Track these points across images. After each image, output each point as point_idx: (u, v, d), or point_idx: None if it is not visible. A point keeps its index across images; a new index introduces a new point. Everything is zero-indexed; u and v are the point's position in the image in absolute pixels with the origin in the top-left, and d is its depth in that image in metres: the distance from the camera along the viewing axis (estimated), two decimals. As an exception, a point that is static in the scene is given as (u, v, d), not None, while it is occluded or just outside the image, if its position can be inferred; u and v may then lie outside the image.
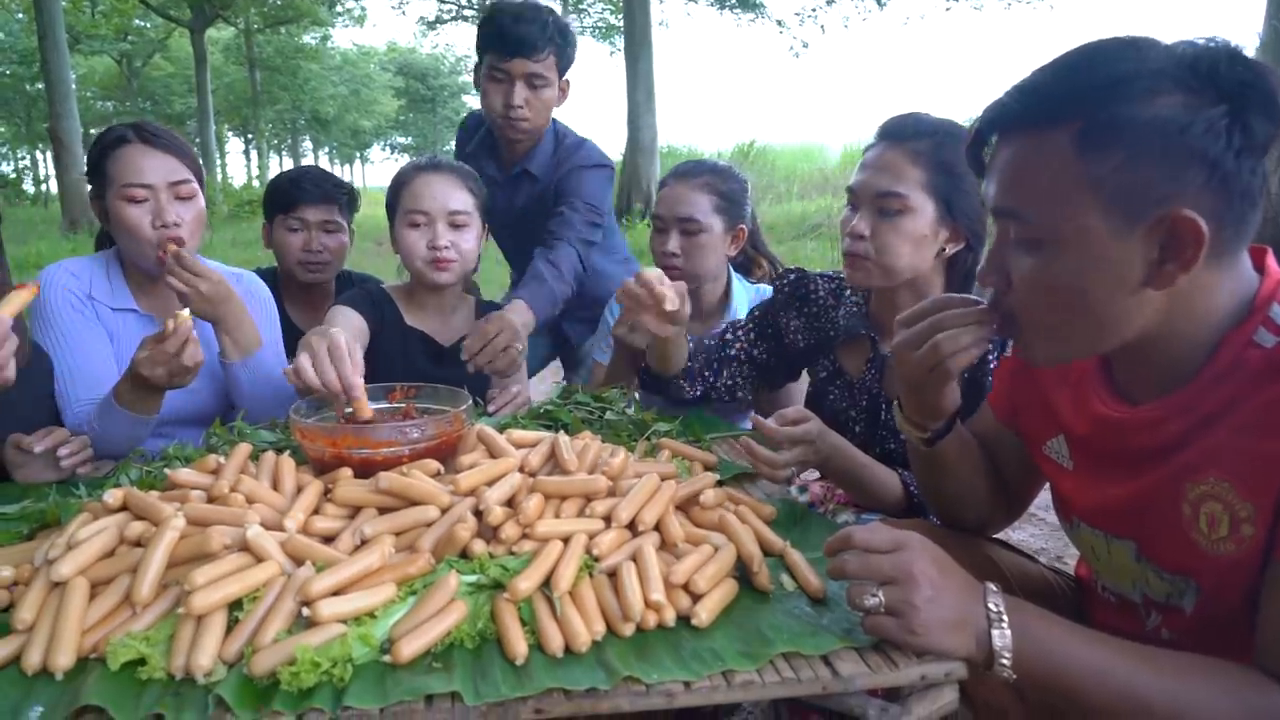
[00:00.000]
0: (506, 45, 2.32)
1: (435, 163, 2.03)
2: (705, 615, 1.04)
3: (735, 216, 2.20)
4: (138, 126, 1.88)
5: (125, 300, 1.93)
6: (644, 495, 1.20)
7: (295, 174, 2.58)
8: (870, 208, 1.62)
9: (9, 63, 31.23)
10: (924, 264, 1.62)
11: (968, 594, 0.99)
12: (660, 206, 2.21)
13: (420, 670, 0.95)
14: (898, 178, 1.58)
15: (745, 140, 17.72)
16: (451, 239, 1.93)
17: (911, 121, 1.63)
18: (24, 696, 0.91)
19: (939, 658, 0.98)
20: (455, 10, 29.58)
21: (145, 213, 1.82)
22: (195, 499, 1.18)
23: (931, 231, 1.59)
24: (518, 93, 2.36)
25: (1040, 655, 0.96)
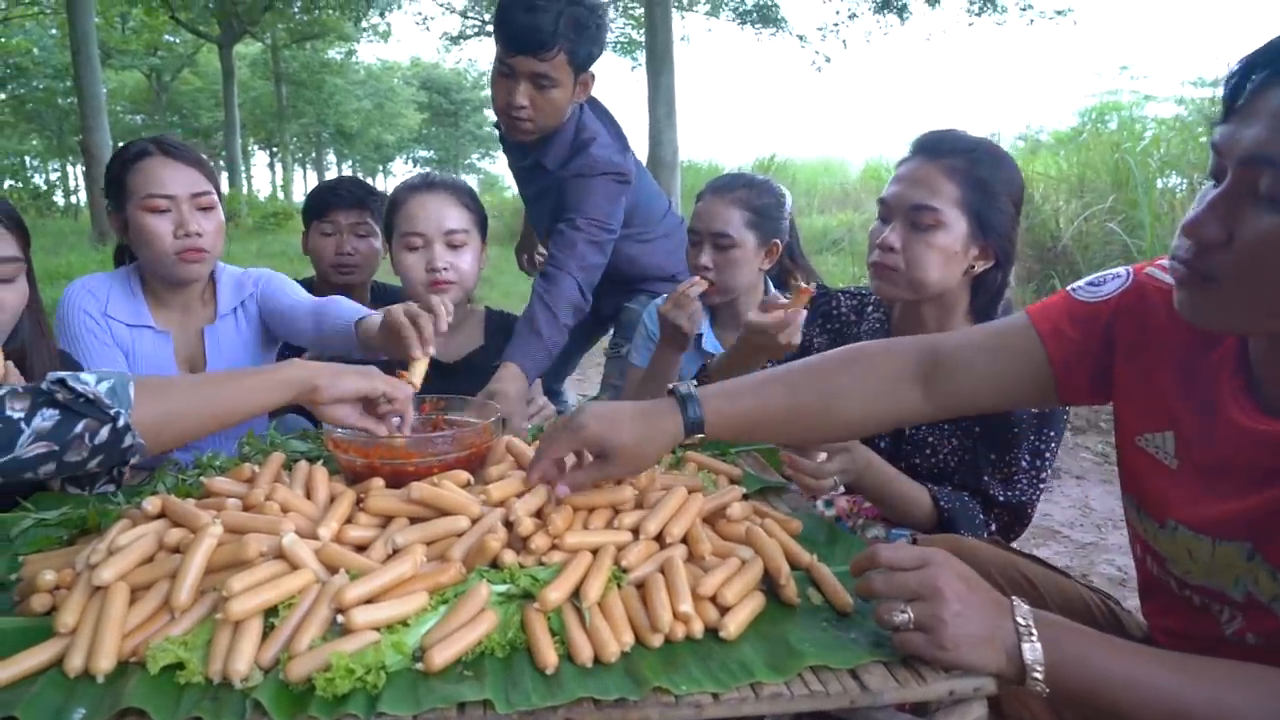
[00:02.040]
0: (512, 39, 2.12)
1: (429, 181, 2.02)
2: (733, 628, 1.05)
3: (769, 231, 2.21)
4: (158, 140, 1.93)
5: (143, 317, 1.97)
6: (672, 508, 1.21)
7: (331, 182, 2.75)
8: (903, 220, 1.62)
9: (43, 77, 31.84)
10: (952, 280, 1.63)
11: (996, 608, 0.99)
12: (696, 220, 2.23)
13: (452, 678, 0.97)
14: (932, 192, 1.58)
15: (765, 154, 17.72)
16: (450, 260, 1.94)
17: (948, 137, 1.64)
18: (67, 699, 0.93)
19: (970, 673, 0.98)
20: (478, 25, 29.86)
21: (167, 223, 1.86)
22: (231, 507, 1.20)
23: (962, 248, 1.60)
24: (521, 91, 2.16)
25: (1074, 667, 0.96)
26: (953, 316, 1.69)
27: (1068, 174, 7.22)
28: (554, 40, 2.09)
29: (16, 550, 1.28)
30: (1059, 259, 6.35)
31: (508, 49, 2.14)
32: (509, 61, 2.16)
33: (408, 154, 55.96)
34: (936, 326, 1.70)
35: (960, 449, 1.73)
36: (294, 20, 25.99)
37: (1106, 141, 7.38)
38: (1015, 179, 1.64)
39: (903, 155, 1.70)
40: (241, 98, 27.96)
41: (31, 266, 1.60)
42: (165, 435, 1.19)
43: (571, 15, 2.10)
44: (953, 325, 1.69)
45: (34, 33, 28.91)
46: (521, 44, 2.10)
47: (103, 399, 1.11)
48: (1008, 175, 1.62)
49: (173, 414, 1.19)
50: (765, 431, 1.27)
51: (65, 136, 36.14)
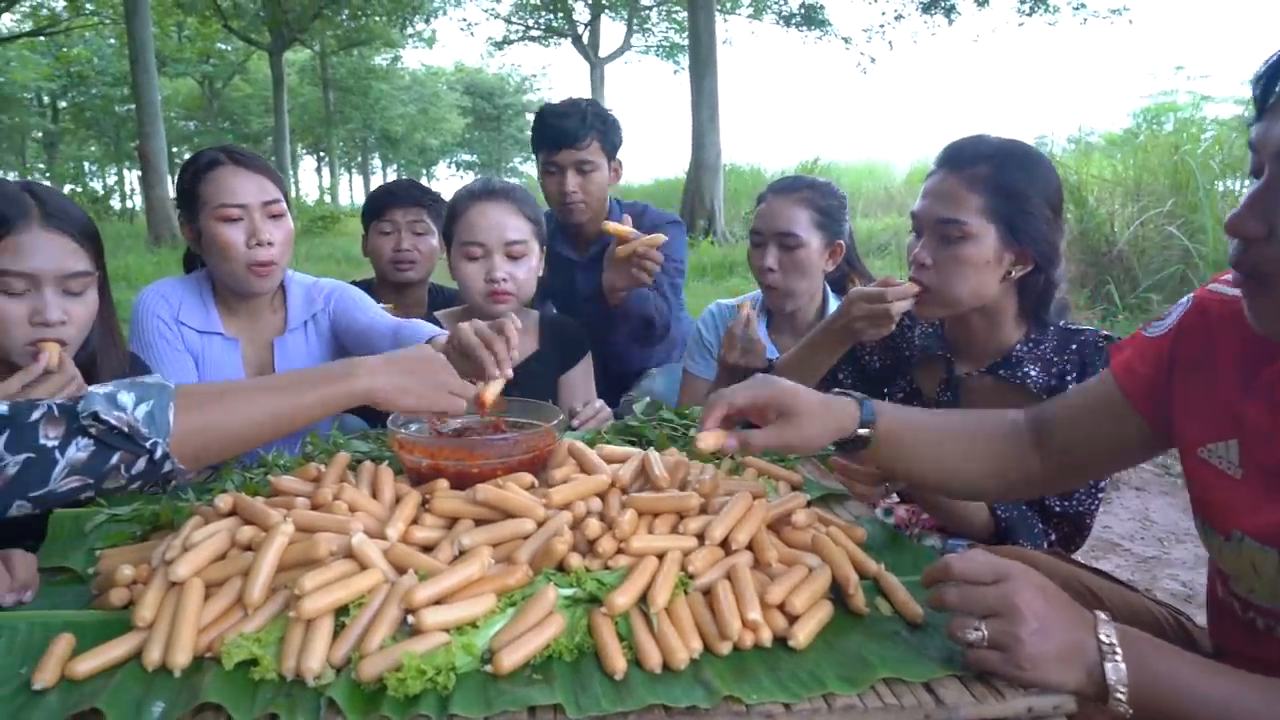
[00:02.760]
0: (553, 139, 2.56)
1: (490, 189, 2.01)
2: (803, 637, 1.03)
3: (834, 232, 2.20)
4: (228, 150, 1.95)
5: (213, 323, 2.00)
6: (737, 513, 1.20)
7: (389, 184, 2.83)
8: (931, 235, 1.61)
9: (101, 85, 32.80)
10: (988, 290, 1.60)
11: (1077, 625, 0.96)
12: (759, 221, 2.22)
13: (521, 681, 0.96)
14: (956, 205, 1.56)
15: (809, 158, 17.61)
16: (509, 270, 1.93)
17: (970, 146, 1.61)
18: (146, 692, 0.94)
19: (1048, 691, 0.95)
20: (522, 30, 30.14)
21: (239, 231, 1.88)
22: (300, 506, 1.22)
23: (994, 257, 1.57)
24: (570, 180, 2.57)
25: (1159, 688, 0.93)
26: (1001, 323, 1.67)
27: (1123, 177, 7.05)
28: (586, 131, 2.54)
29: (92, 545, 1.31)
30: (1114, 264, 6.21)
31: (551, 149, 2.58)
32: (554, 160, 2.58)
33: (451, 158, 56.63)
34: (985, 333, 1.68)
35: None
36: (342, 27, 26.45)
37: (1164, 143, 7.19)
38: (1050, 180, 1.60)
39: (930, 168, 1.68)
40: (290, 104, 28.51)
41: (105, 274, 1.63)
42: (210, 453, 1.13)
43: (594, 111, 2.59)
44: (1002, 331, 1.67)
45: (93, 42, 29.80)
46: (561, 140, 2.54)
47: (139, 428, 1.04)
48: (1040, 177, 1.58)
49: (219, 431, 1.12)
50: (917, 452, 1.28)
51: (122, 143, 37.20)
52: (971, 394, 1.70)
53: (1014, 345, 1.65)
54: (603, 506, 1.24)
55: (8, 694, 0.94)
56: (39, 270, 1.47)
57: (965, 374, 1.70)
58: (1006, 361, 1.64)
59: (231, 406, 1.14)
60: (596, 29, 28.67)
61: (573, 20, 28.23)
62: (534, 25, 29.59)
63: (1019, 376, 1.62)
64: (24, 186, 1.53)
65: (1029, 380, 1.61)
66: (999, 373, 1.65)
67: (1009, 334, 1.66)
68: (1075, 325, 1.66)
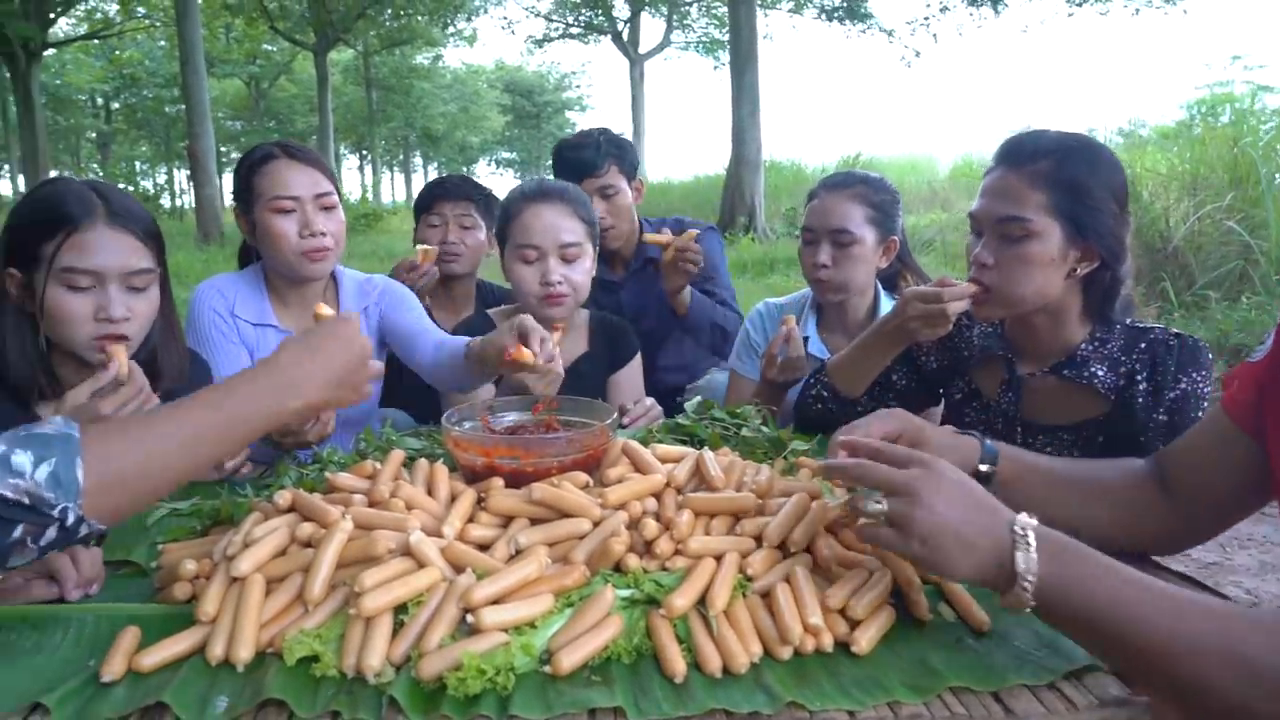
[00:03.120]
0: (572, 170, 2.65)
1: (545, 190, 1.99)
2: (865, 642, 1.01)
3: (888, 228, 2.16)
4: (282, 144, 1.99)
5: (266, 316, 2.03)
6: (794, 515, 1.18)
7: (440, 179, 2.85)
8: (992, 234, 1.56)
9: (152, 86, 33.57)
10: (1053, 289, 1.55)
11: (986, 512, 0.96)
12: (811, 218, 2.18)
13: (579, 683, 0.96)
14: (1018, 202, 1.51)
15: (850, 153, 17.42)
16: (564, 273, 1.92)
17: (1030, 141, 1.56)
18: (210, 686, 0.95)
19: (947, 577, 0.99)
20: (562, 28, 30.22)
21: (292, 223, 1.92)
22: (357, 503, 1.22)
23: (1060, 254, 1.52)
24: (597, 207, 2.58)
25: (1069, 585, 0.91)
26: (1065, 322, 1.62)
27: (1179, 170, 6.85)
28: (603, 158, 2.66)
29: (153, 538, 1.33)
30: (1170, 260, 6.04)
31: (573, 179, 2.58)
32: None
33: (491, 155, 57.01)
34: (1049, 332, 1.63)
35: (1082, 458, 1.65)
36: (385, 26, 26.76)
37: (1222, 136, 6.97)
38: (1115, 173, 1.55)
39: (988, 164, 1.63)
40: (334, 103, 28.92)
41: (166, 272, 1.66)
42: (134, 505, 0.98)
43: (608, 138, 2.71)
44: (1066, 330, 1.62)
45: (145, 45, 30.51)
46: (581, 170, 2.64)
47: (42, 494, 0.88)
48: (1105, 171, 1.53)
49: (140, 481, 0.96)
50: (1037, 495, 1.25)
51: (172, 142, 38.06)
52: (1034, 395, 1.65)
53: (1078, 344, 1.60)
54: (658, 507, 1.23)
55: (77, 685, 0.95)
56: (104, 267, 1.49)
57: (1028, 374, 1.66)
58: (1071, 361, 1.60)
59: (152, 446, 0.98)
60: (636, 25, 28.66)
61: (612, 17, 28.24)
62: (574, 23, 29.66)
63: (1085, 376, 1.57)
64: (90, 185, 1.56)
65: (1096, 380, 1.56)
66: (1063, 373, 1.60)
67: (1073, 333, 1.61)
68: (1142, 324, 1.60)
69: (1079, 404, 1.61)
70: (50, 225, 1.48)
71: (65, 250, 1.47)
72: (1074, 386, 1.60)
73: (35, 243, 1.49)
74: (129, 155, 45.43)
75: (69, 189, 1.54)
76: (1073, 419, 1.62)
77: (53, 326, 1.51)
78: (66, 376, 1.60)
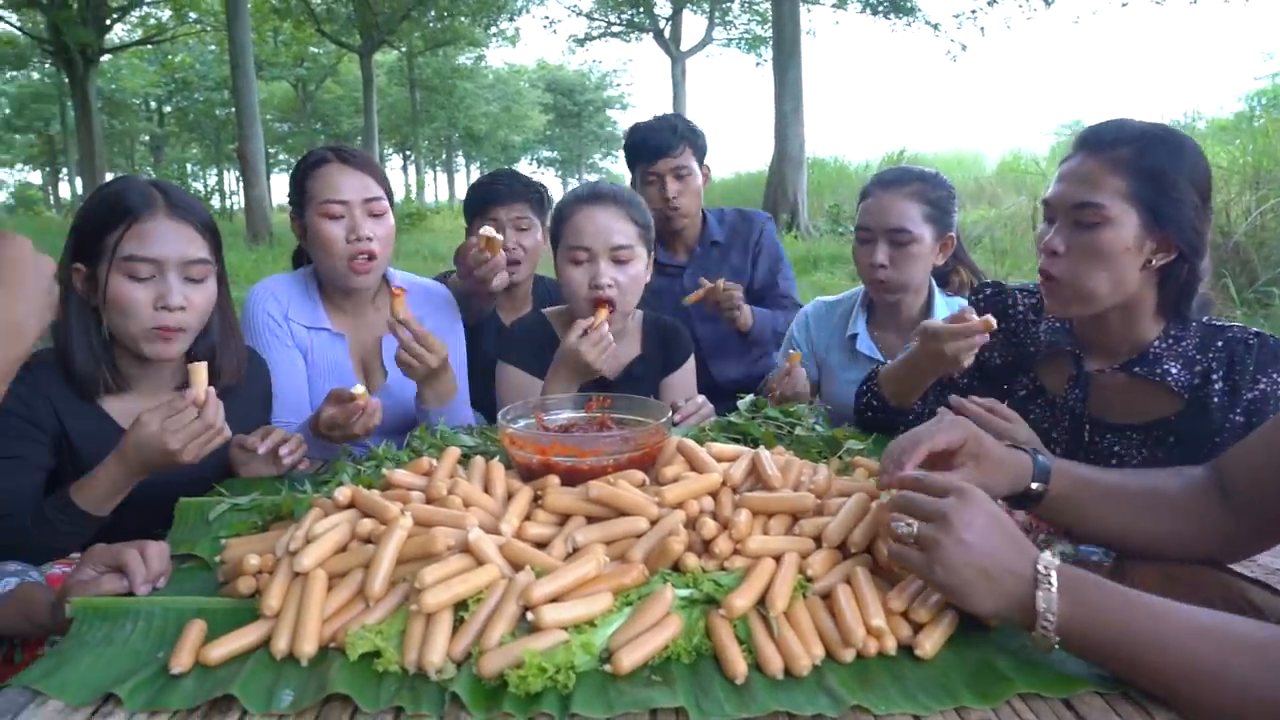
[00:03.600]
0: (649, 152, 2.78)
1: (597, 193, 1.98)
2: (930, 646, 0.99)
3: (944, 225, 2.13)
4: (336, 148, 2.01)
5: (320, 319, 2.05)
6: (854, 515, 1.16)
7: (488, 177, 2.70)
8: (1066, 221, 1.51)
9: (203, 90, 34.34)
10: (1128, 281, 1.50)
11: (1011, 550, 0.97)
12: (867, 216, 2.15)
13: (639, 683, 0.95)
14: (1095, 188, 1.47)
15: (894, 149, 17.20)
16: (614, 275, 1.91)
17: (1113, 128, 1.52)
18: (275, 680, 0.96)
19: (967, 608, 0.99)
20: (604, 26, 30.26)
21: (340, 228, 1.93)
22: (414, 499, 1.23)
23: (1135, 244, 1.48)
24: (671, 186, 2.77)
25: (1091, 621, 0.92)
26: (1138, 317, 1.57)
27: (1240, 164, 6.64)
28: (678, 139, 2.77)
29: (216, 533, 1.35)
30: (1231, 256, 5.86)
31: (648, 160, 2.78)
32: (653, 170, 2.79)
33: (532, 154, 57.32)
34: (1120, 327, 1.58)
35: (1151, 460, 1.60)
36: (428, 28, 27.03)
37: (1285, 127, 6.75)
38: (1198, 164, 1.50)
39: (1066, 152, 1.59)
40: (379, 104, 29.31)
41: (223, 268, 1.69)
42: None
43: (683, 122, 2.83)
44: (1139, 326, 1.57)
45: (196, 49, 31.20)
46: (657, 150, 2.76)
47: None
48: (1189, 162, 1.48)
49: None
50: (1092, 509, 1.24)
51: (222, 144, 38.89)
52: (1103, 392, 1.61)
53: (1151, 341, 1.55)
54: (715, 506, 1.22)
55: (147, 677, 0.97)
56: (163, 256, 1.54)
57: (1096, 371, 1.61)
58: (1143, 358, 1.55)
59: None
60: (678, 23, 28.57)
61: (654, 15, 28.20)
62: (616, 21, 29.67)
63: (1158, 374, 1.53)
64: (151, 182, 1.62)
65: (1169, 378, 1.51)
66: (1134, 370, 1.55)
67: (1146, 329, 1.56)
68: (1219, 321, 1.55)
69: (1150, 403, 1.56)
70: (113, 217, 1.54)
71: (127, 240, 1.53)
72: (1145, 384, 1.55)
73: (99, 235, 1.54)
74: (180, 158, 46.52)
75: (131, 184, 1.59)
76: (1143, 418, 1.57)
77: (114, 317, 1.55)
78: (128, 371, 1.64)
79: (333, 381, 1.99)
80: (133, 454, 1.43)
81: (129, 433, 1.44)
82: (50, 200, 42.70)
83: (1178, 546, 1.24)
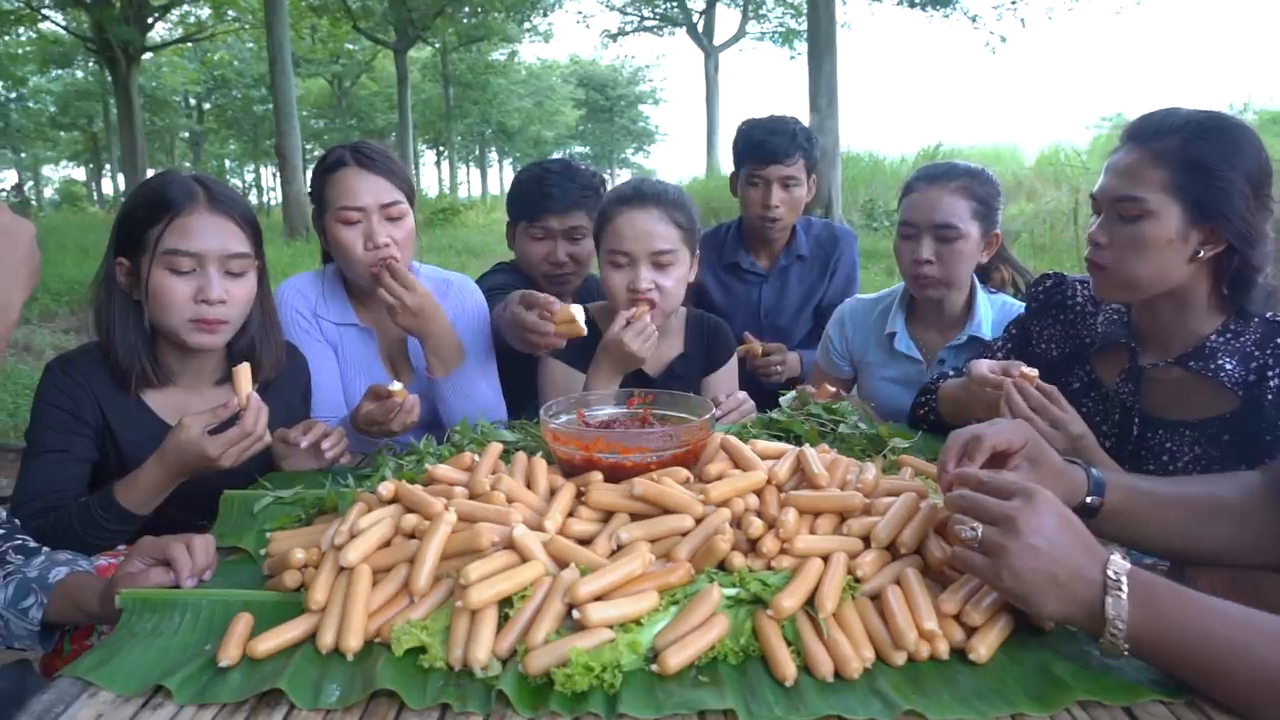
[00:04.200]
0: (762, 154, 2.63)
1: (641, 194, 1.93)
2: (984, 650, 0.97)
3: (991, 222, 2.08)
4: (355, 149, 1.95)
5: (347, 315, 2.04)
6: (904, 515, 1.14)
7: (538, 174, 2.40)
8: (1109, 214, 1.50)
9: (241, 87, 34.84)
10: (1174, 272, 1.47)
11: (1081, 553, 0.94)
12: (912, 212, 2.11)
13: (687, 683, 0.94)
14: (1136, 180, 1.46)
15: (930, 143, 16.96)
16: (654, 279, 1.88)
17: (1158, 119, 1.49)
18: (322, 674, 0.96)
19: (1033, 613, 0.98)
20: (637, 21, 30.21)
21: (357, 234, 1.90)
22: (458, 494, 1.22)
23: (1179, 236, 1.45)
24: (774, 194, 2.64)
25: (1165, 627, 0.90)
26: (1192, 310, 1.53)
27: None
28: (795, 148, 2.62)
29: (261, 526, 1.36)
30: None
31: (757, 163, 2.65)
32: (759, 174, 2.65)
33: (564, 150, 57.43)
34: (1175, 320, 1.55)
35: (1204, 458, 1.56)
36: (463, 24, 27.16)
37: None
38: (1251, 153, 1.45)
39: (1114, 145, 1.56)
40: (413, 100, 29.48)
41: (264, 263, 1.70)
42: None
43: (801, 130, 2.68)
44: (1194, 319, 1.53)
45: (235, 47, 31.65)
46: (772, 155, 2.62)
47: None
48: (1239, 150, 1.44)
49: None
50: (1150, 523, 1.21)
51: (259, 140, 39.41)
52: (1155, 386, 1.57)
53: (1208, 335, 1.51)
54: (759, 504, 1.20)
55: (195, 670, 0.97)
56: (204, 250, 1.56)
57: (1150, 365, 1.57)
58: (1198, 352, 1.51)
59: None
60: (711, 17, 28.44)
61: (687, 8, 28.09)
62: (649, 15, 29.60)
63: (1211, 370, 1.48)
64: (193, 176, 1.63)
65: (1223, 374, 1.47)
66: (1189, 365, 1.51)
67: (1201, 323, 1.52)
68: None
69: (1204, 399, 1.52)
70: (155, 211, 1.56)
71: (169, 233, 1.55)
72: (1200, 380, 1.51)
73: (142, 228, 1.56)
74: (219, 154, 47.20)
75: (174, 178, 1.61)
76: (1196, 415, 1.53)
77: (155, 309, 1.57)
78: (169, 364, 1.65)
79: (364, 376, 2.00)
80: (173, 458, 1.44)
81: (170, 436, 1.45)
82: (93, 196, 43.56)
83: (1237, 555, 1.20)
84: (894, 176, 15.69)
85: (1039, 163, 16.20)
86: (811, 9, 14.53)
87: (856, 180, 15.87)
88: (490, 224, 20.80)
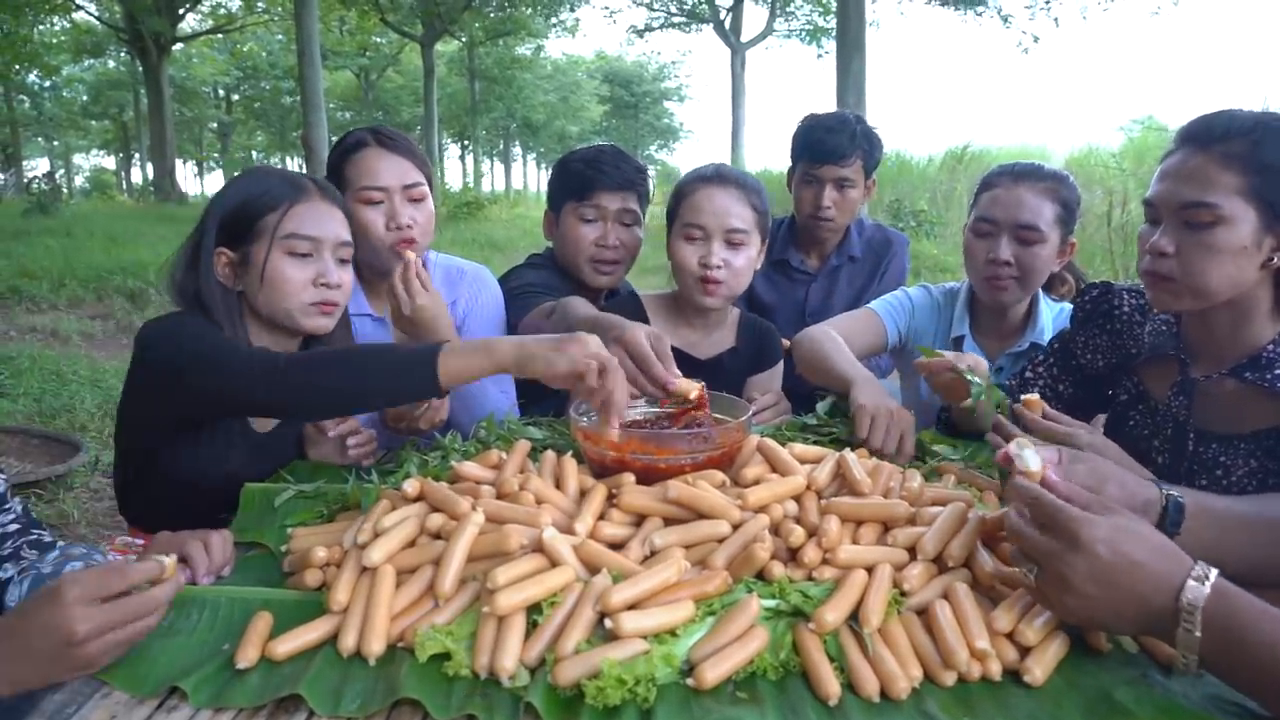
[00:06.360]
0: (818, 153, 2.54)
1: (721, 174, 1.94)
2: (1040, 672, 0.91)
3: (1069, 230, 2.00)
4: (375, 131, 1.94)
5: (361, 305, 2.01)
6: (950, 526, 1.08)
7: (590, 154, 2.25)
8: (1174, 222, 1.41)
9: (270, 79, 35.13)
10: (1245, 279, 1.40)
11: (1146, 581, 0.89)
12: (994, 208, 2.02)
13: (724, 699, 0.89)
14: (1207, 186, 1.37)
15: (958, 143, 16.76)
16: (725, 256, 1.86)
17: (1222, 121, 1.41)
18: (342, 679, 0.93)
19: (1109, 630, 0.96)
20: (664, 17, 30.12)
21: (379, 214, 1.88)
22: (485, 494, 1.18)
23: (1253, 242, 1.37)
24: (827, 195, 2.56)
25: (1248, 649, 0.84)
26: (1251, 318, 1.46)
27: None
28: (853, 149, 2.52)
29: (282, 521, 1.32)
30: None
31: (814, 161, 2.55)
32: (815, 172, 2.56)
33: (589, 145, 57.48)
34: (1230, 329, 1.47)
35: (1260, 470, 1.49)
36: (489, 18, 27.21)
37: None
38: None
39: (1167, 148, 1.48)
40: (439, 94, 29.58)
41: None
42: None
43: (862, 130, 2.56)
44: (1252, 328, 1.46)
45: (263, 39, 31.92)
46: (828, 155, 2.52)
47: None
48: None
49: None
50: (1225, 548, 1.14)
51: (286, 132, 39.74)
52: (1208, 399, 1.50)
53: (1265, 345, 1.44)
54: (799, 511, 1.15)
55: (213, 670, 0.94)
56: (321, 235, 1.58)
57: (1202, 376, 1.50)
58: (1254, 363, 1.44)
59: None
60: (739, 13, 28.28)
61: (715, 5, 27.96)
62: (676, 11, 29.50)
63: (1269, 380, 1.42)
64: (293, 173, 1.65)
65: (1279, 385, 1.40)
66: (1245, 375, 1.44)
67: (1259, 332, 1.45)
68: None
69: (1260, 411, 1.45)
70: (272, 201, 1.57)
71: (288, 219, 1.55)
72: (1256, 391, 1.44)
73: (257, 217, 1.56)
74: (246, 145, 47.64)
75: (279, 173, 1.64)
76: (1253, 427, 1.46)
77: (271, 294, 1.56)
78: None
79: None
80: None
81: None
82: (122, 185, 44.08)
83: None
84: (920, 177, 15.53)
85: (1069, 164, 15.96)
86: (841, 7, 14.40)
87: (883, 180, 15.66)
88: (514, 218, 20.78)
